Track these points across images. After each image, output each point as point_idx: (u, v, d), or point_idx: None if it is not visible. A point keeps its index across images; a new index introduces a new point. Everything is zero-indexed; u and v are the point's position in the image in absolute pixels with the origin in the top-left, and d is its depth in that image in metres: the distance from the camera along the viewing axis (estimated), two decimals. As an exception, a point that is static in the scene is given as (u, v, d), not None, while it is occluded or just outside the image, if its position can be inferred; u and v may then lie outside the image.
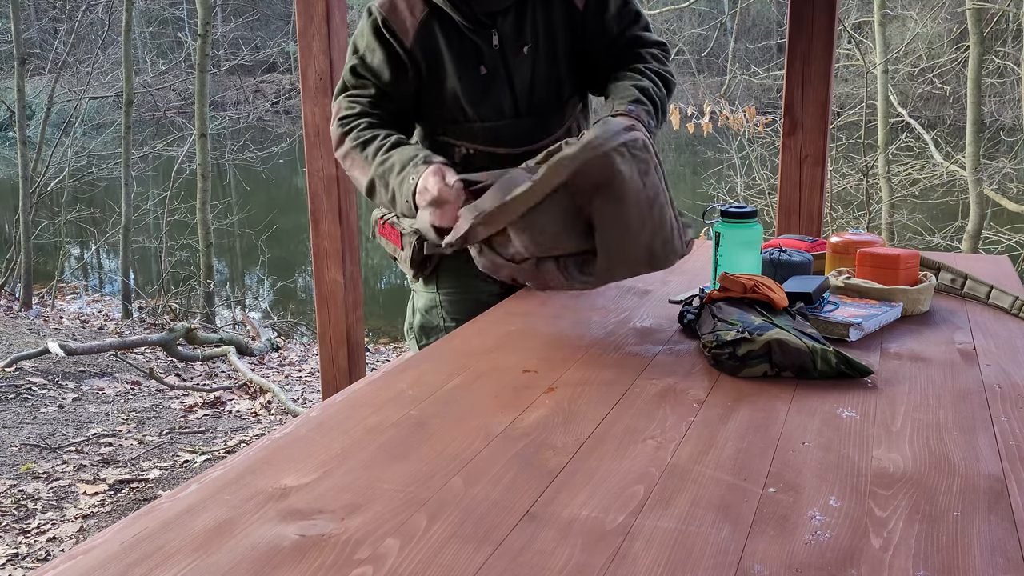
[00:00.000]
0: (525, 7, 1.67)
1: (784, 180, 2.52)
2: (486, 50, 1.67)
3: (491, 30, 1.66)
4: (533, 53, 1.69)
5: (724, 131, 7.18)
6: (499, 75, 1.69)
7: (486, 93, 1.69)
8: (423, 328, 1.85)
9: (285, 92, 19.05)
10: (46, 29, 16.21)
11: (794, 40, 2.42)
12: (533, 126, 1.74)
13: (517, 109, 1.72)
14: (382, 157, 1.57)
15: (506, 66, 1.68)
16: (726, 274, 1.40)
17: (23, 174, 7.78)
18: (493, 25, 1.66)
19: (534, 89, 1.71)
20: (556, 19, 1.69)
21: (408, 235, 1.77)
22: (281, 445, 1.02)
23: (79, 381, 4.85)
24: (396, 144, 1.59)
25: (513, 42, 1.67)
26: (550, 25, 1.69)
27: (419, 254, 1.76)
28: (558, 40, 1.70)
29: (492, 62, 1.68)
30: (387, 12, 1.66)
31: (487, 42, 1.66)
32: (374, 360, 5.71)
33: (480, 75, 1.68)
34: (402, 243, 1.79)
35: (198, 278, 7.91)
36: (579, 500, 0.88)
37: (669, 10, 9.11)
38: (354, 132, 1.64)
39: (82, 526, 2.98)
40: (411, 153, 1.54)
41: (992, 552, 0.77)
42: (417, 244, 1.75)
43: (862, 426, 1.06)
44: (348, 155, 1.65)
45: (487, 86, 1.69)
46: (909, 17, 9.11)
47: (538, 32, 1.69)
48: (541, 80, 1.71)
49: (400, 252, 1.81)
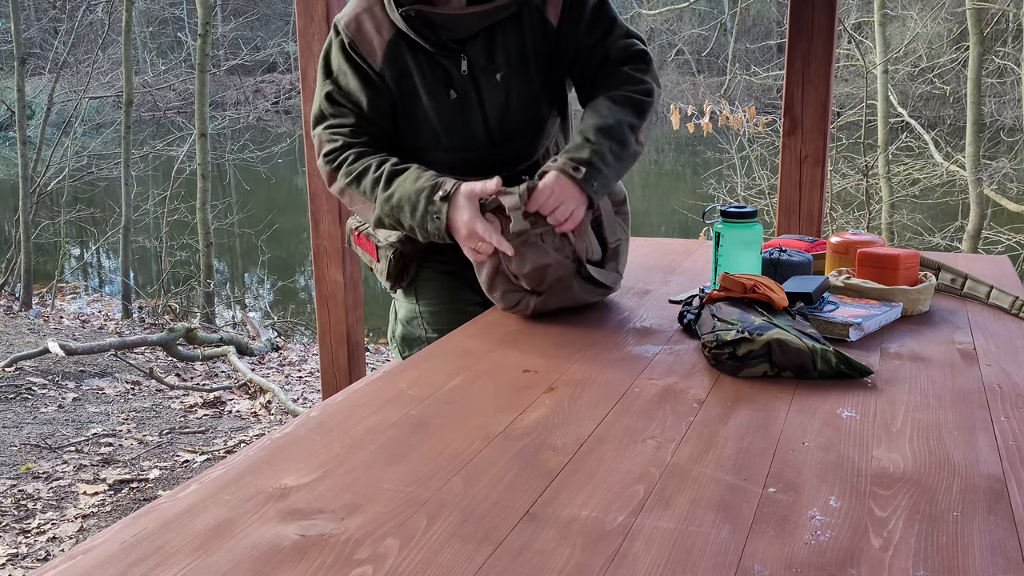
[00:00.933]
0: (495, 32, 1.61)
1: (784, 180, 2.52)
2: (455, 74, 1.62)
3: (459, 55, 1.61)
4: (507, 79, 1.64)
5: (724, 131, 7.18)
6: (470, 100, 1.64)
7: (456, 119, 1.65)
8: (405, 339, 1.81)
9: (285, 92, 19.06)
10: (46, 29, 16.22)
11: (794, 40, 2.42)
12: (507, 156, 1.70)
13: (491, 137, 1.68)
14: (384, 194, 1.54)
15: (477, 91, 1.64)
16: (726, 274, 1.40)
17: (23, 174, 7.78)
18: (462, 50, 1.61)
19: (507, 115, 1.67)
20: (529, 41, 1.64)
21: (384, 247, 1.73)
22: (281, 445, 1.02)
23: (79, 381, 4.85)
24: (392, 175, 1.55)
25: (484, 68, 1.62)
26: (523, 48, 1.64)
27: (395, 266, 1.73)
28: (531, 63, 1.65)
29: (462, 87, 1.63)
30: (353, 34, 1.61)
31: (456, 67, 1.62)
32: (374, 360, 5.71)
33: (451, 99, 1.64)
34: (378, 255, 1.76)
35: (198, 278, 7.91)
36: (579, 500, 0.88)
37: (669, 10, 9.12)
38: (343, 168, 1.61)
39: (82, 526, 2.98)
40: (414, 188, 1.51)
41: (992, 552, 0.77)
42: (393, 257, 1.72)
43: (862, 426, 1.06)
44: (344, 192, 1.62)
45: (458, 111, 1.64)
46: (909, 17, 9.11)
47: (510, 57, 1.63)
48: (515, 106, 1.67)
49: (376, 264, 1.77)
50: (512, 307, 1.54)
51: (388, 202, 1.53)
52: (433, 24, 1.57)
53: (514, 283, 1.52)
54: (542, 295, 1.52)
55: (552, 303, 1.54)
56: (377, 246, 1.75)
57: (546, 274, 1.49)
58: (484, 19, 1.58)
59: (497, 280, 1.52)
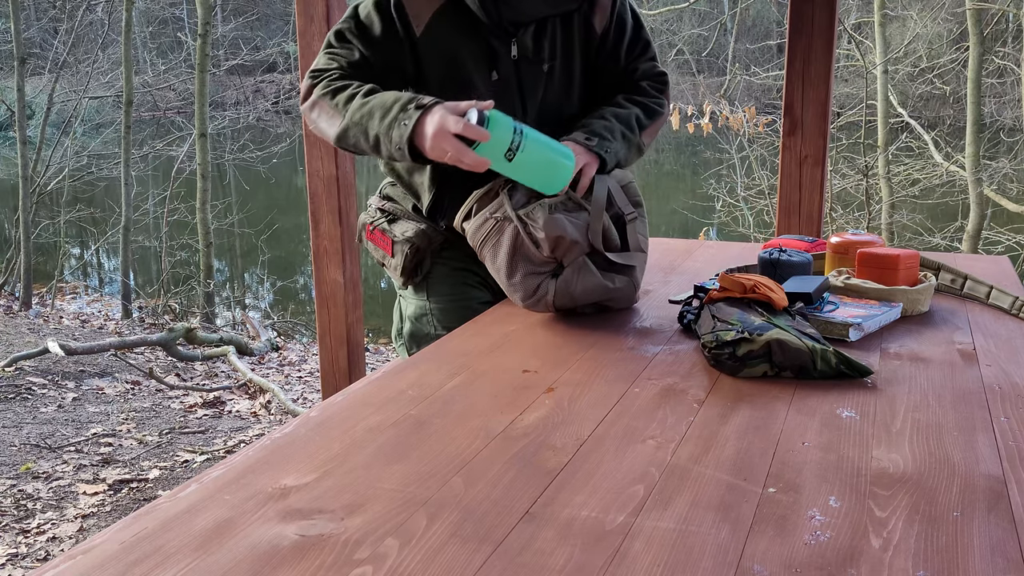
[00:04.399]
0: (546, 24, 1.64)
1: (784, 180, 2.52)
2: (503, 57, 1.62)
3: (512, 39, 1.62)
4: (551, 72, 1.67)
5: (724, 131, 7.18)
6: (511, 85, 1.65)
7: (496, 102, 1.62)
8: (413, 336, 1.80)
9: (285, 92, 19.05)
10: (46, 29, 16.21)
11: (794, 40, 2.42)
12: None
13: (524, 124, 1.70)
14: (359, 103, 1.50)
15: (519, 78, 1.65)
16: (726, 274, 1.40)
17: (23, 174, 7.78)
18: (515, 34, 1.62)
19: (544, 107, 1.68)
20: (575, 39, 1.67)
21: (400, 242, 1.73)
22: (281, 445, 1.02)
23: (79, 381, 4.85)
24: (373, 90, 1.52)
25: (531, 56, 1.64)
26: (568, 44, 1.67)
27: (411, 262, 1.73)
28: (575, 61, 1.69)
29: (506, 70, 1.63)
30: None
31: (505, 49, 1.62)
32: (374, 360, 5.72)
33: (491, 80, 1.64)
34: (393, 250, 1.75)
35: (198, 278, 7.91)
36: (579, 500, 0.88)
37: (669, 10, 9.12)
38: (324, 82, 1.57)
39: (82, 526, 2.98)
40: (392, 97, 1.47)
41: (992, 552, 0.77)
42: (409, 252, 1.72)
43: (862, 426, 1.06)
44: (316, 104, 1.58)
45: (498, 94, 1.63)
46: (909, 17, 9.11)
47: (556, 50, 1.66)
48: (553, 99, 1.69)
49: (390, 259, 1.77)
50: (531, 295, 1.50)
51: (360, 109, 1.49)
52: (499, 1, 1.57)
53: (534, 263, 1.49)
54: (563, 276, 1.48)
55: (575, 286, 1.49)
56: (393, 241, 1.75)
57: (563, 241, 1.47)
58: (551, 6, 1.62)
59: (517, 260, 1.49)
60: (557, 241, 1.47)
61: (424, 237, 1.71)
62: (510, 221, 1.49)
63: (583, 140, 1.55)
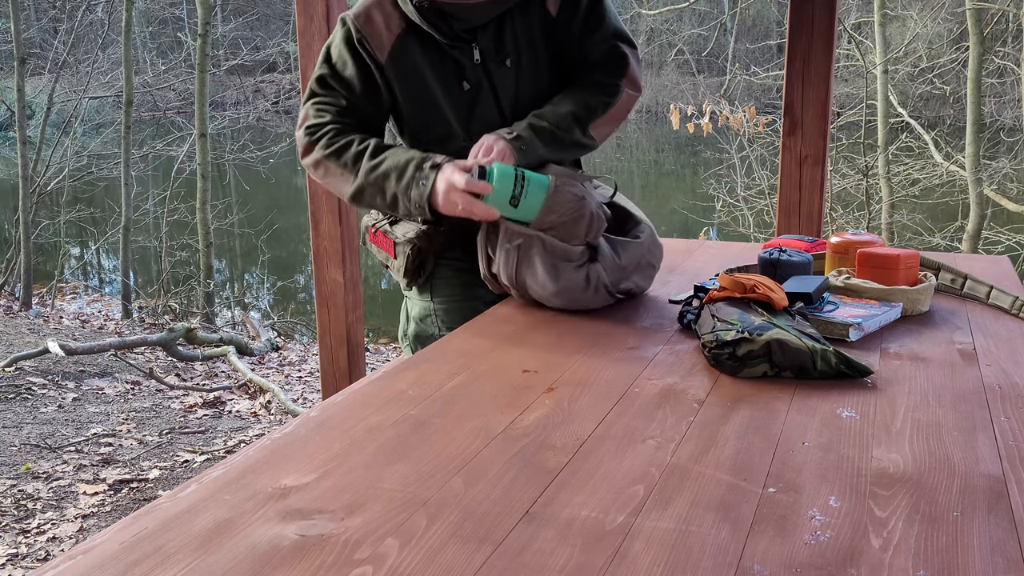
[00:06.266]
0: (504, 20, 1.64)
1: (784, 180, 2.52)
2: (467, 65, 1.64)
3: (471, 44, 1.63)
4: (516, 66, 1.67)
5: (724, 131, 7.18)
6: (483, 89, 1.66)
7: (472, 109, 1.67)
8: (418, 336, 1.81)
9: (285, 92, 19.06)
10: (46, 29, 16.21)
11: (794, 40, 2.42)
12: None
13: (506, 124, 1.68)
14: (370, 163, 1.56)
15: (490, 80, 1.66)
16: (726, 274, 1.40)
17: (23, 174, 7.78)
18: (473, 40, 1.63)
19: (520, 103, 1.68)
20: (535, 28, 1.67)
21: (401, 244, 1.74)
22: (281, 445, 1.02)
23: (79, 381, 4.85)
24: (379, 148, 1.58)
25: (494, 56, 1.64)
26: (531, 36, 1.67)
27: (413, 263, 1.74)
28: (539, 50, 1.68)
29: (474, 77, 1.65)
30: (362, 26, 1.62)
31: (468, 57, 1.63)
32: (374, 360, 5.72)
33: (463, 91, 1.65)
34: (395, 252, 1.76)
35: (198, 278, 7.91)
36: (579, 500, 0.88)
37: (669, 10, 9.12)
38: (323, 140, 1.61)
39: (82, 526, 2.98)
40: (404, 157, 1.55)
41: (992, 552, 0.77)
42: (411, 253, 1.73)
43: (862, 426, 1.06)
44: (320, 164, 1.63)
45: (472, 102, 1.66)
46: (909, 17, 9.11)
47: (519, 43, 1.66)
48: (527, 93, 1.69)
49: (393, 260, 1.78)
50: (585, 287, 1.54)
51: (374, 171, 1.56)
52: (446, 15, 1.59)
53: (572, 260, 1.54)
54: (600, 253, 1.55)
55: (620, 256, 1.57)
56: (395, 242, 1.76)
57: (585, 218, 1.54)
58: (497, 7, 1.61)
59: (555, 264, 1.53)
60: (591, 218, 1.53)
61: (425, 238, 1.72)
62: (529, 236, 1.54)
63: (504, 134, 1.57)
